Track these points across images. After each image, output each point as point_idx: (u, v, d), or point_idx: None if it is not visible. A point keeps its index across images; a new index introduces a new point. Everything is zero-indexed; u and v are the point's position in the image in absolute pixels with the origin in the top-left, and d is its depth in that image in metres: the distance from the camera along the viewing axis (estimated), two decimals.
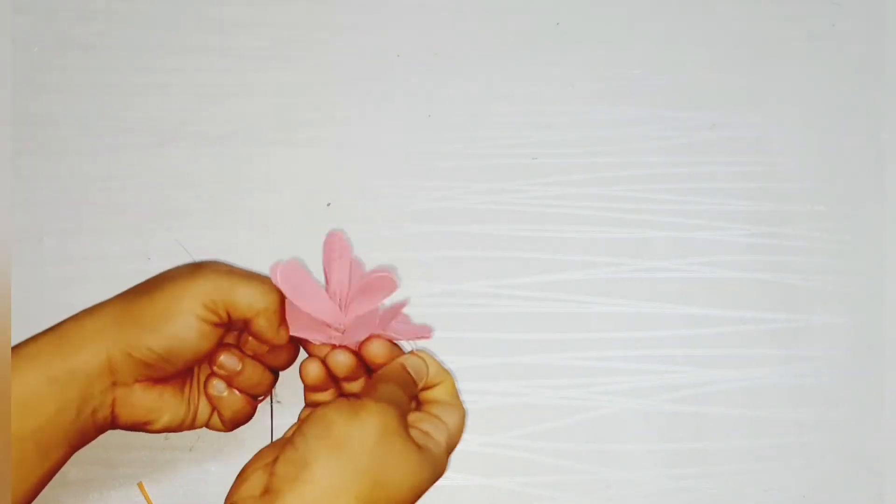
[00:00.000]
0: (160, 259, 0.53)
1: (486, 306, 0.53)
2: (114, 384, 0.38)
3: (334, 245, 0.42)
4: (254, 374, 0.42)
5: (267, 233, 0.53)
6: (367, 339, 0.41)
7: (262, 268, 0.42)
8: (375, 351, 0.41)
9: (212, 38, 0.57)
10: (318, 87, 0.56)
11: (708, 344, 0.52)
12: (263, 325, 0.40)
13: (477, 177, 0.55)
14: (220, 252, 0.52)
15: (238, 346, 0.42)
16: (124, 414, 0.39)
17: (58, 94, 0.55)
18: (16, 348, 0.37)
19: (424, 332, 0.42)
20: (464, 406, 0.42)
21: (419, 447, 0.37)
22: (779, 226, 0.55)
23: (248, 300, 0.39)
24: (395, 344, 0.41)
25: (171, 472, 0.49)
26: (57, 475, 0.48)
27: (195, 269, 0.40)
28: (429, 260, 0.53)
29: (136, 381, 0.39)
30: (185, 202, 0.54)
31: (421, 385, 0.41)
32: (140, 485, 0.49)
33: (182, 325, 0.38)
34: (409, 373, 0.41)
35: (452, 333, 0.52)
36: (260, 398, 0.44)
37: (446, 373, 0.42)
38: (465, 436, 0.50)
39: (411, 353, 0.42)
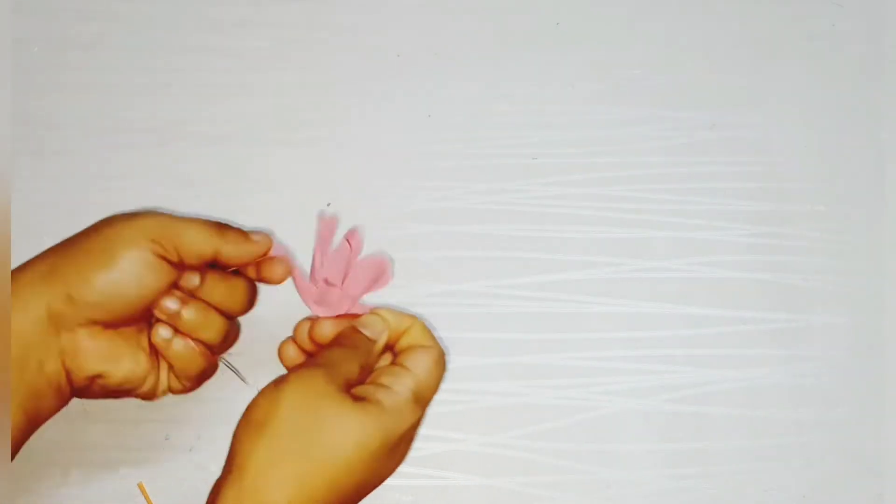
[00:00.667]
0: None
1: (486, 306, 0.53)
2: (56, 331, 0.36)
3: (329, 227, 0.42)
4: (198, 315, 0.39)
5: (266, 233, 0.53)
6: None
7: None
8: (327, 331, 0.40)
9: (212, 38, 0.57)
10: (318, 87, 0.56)
11: (708, 344, 0.52)
12: (232, 252, 0.39)
13: (477, 177, 0.55)
14: None
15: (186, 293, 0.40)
16: (75, 364, 0.37)
17: (58, 94, 0.55)
18: None
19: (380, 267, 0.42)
20: (439, 346, 0.40)
21: (362, 402, 0.36)
22: (779, 226, 0.55)
23: (198, 238, 0.38)
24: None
25: (171, 472, 0.49)
26: (57, 475, 0.48)
27: (134, 213, 0.38)
28: (429, 260, 0.53)
29: (80, 325, 0.36)
30: (185, 202, 0.54)
31: (382, 339, 0.40)
32: (140, 485, 0.49)
33: (128, 257, 0.36)
34: (358, 331, 0.40)
35: (452, 333, 0.52)
36: (216, 350, 0.42)
37: (412, 318, 0.41)
38: (465, 436, 0.50)
39: (369, 311, 0.41)
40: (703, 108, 0.57)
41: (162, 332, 0.39)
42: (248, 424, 0.35)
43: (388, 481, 0.41)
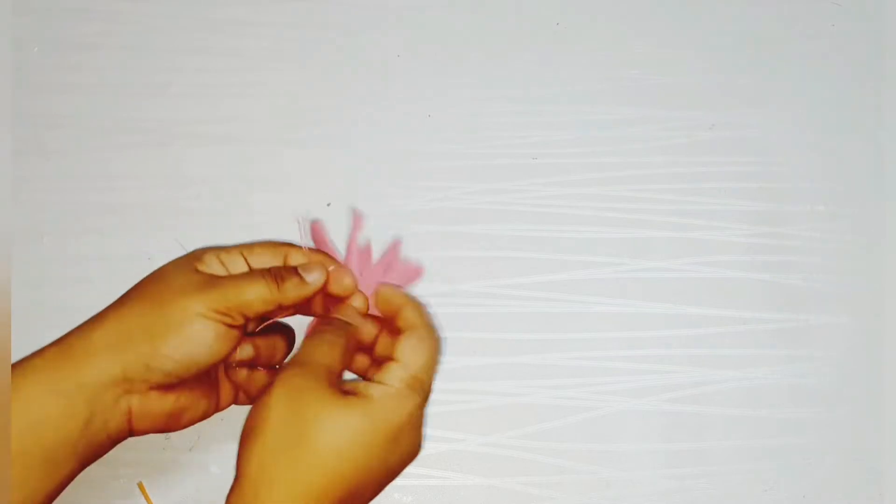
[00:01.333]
0: (161, 259, 0.52)
1: (486, 306, 0.53)
2: (127, 392, 0.37)
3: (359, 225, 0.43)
4: (267, 351, 0.42)
5: (267, 233, 0.53)
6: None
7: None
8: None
9: (212, 38, 0.57)
10: (318, 87, 0.56)
11: (708, 344, 0.52)
12: (292, 299, 0.39)
13: (477, 177, 0.55)
14: None
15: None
16: (141, 423, 0.39)
17: (58, 94, 0.55)
18: (21, 362, 0.36)
19: (414, 273, 0.42)
20: (430, 325, 0.40)
21: (350, 396, 0.36)
22: (779, 226, 0.55)
23: (260, 299, 0.39)
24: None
25: (171, 472, 0.49)
26: None
27: (199, 281, 0.39)
28: (429, 260, 0.53)
29: (153, 389, 0.38)
30: (185, 202, 0.54)
31: (358, 321, 0.40)
32: (140, 485, 0.49)
33: (199, 330, 0.37)
34: (333, 318, 0.40)
35: (452, 333, 0.52)
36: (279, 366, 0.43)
37: (403, 298, 0.41)
38: (465, 436, 0.50)
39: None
40: (703, 108, 0.57)
41: (241, 374, 0.42)
42: (244, 432, 0.36)
43: None
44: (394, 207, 0.54)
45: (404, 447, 0.37)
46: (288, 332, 0.43)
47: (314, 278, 0.41)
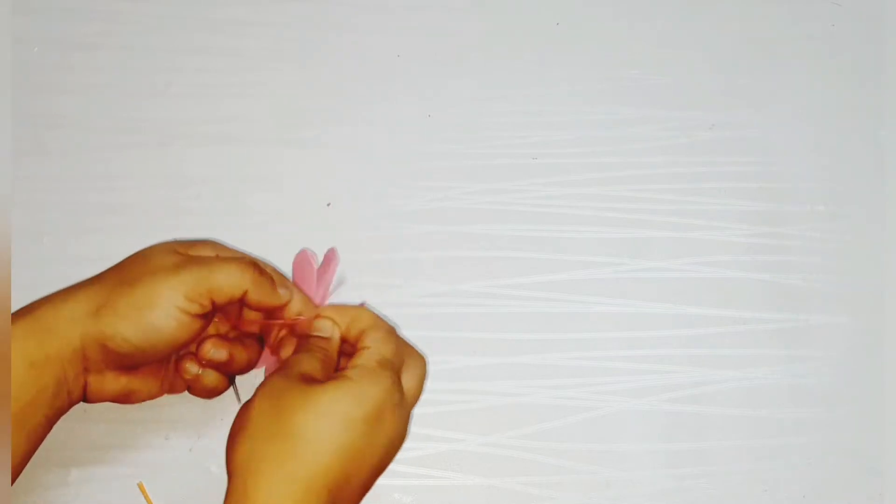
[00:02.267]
0: None
1: (486, 306, 0.53)
2: (85, 370, 0.38)
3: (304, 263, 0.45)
4: (241, 358, 0.42)
5: (267, 233, 0.53)
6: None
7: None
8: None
9: (212, 38, 0.57)
10: (318, 87, 0.56)
11: (708, 344, 0.52)
12: (256, 296, 0.40)
13: (477, 177, 0.55)
14: None
15: (218, 334, 0.43)
16: (95, 397, 0.40)
17: (58, 94, 0.55)
18: None
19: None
20: (386, 323, 0.42)
21: (328, 380, 0.37)
22: (779, 226, 0.55)
23: (230, 281, 0.39)
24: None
25: (171, 472, 0.49)
26: (57, 475, 0.48)
27: (176, 262, 0.39)
28: (429, 260, 0.53)
29: (109, 369, 0.39)
30: (185, 202, 0.54)
31: (335, 334, 0.41)
32: (140, 485, 0.49)
33: (161, 316, 0.38)
34: (312, 336, 0.41)
35: (452, 333, 0.52)
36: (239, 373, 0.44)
37: (356, 308, 0.42)
38: (465, 436, 0.50)
39: (315, 316, 0.42)
40: (703, 108, 0.57)
41: (191, 369, 0.42)
42: (230, 434, 0.37)
43: (389, 481, 0.41)
44: (394, 207, 0.54)
45: (388, 427, 0.37)
46: (258, 345, 0.44)
47: (283, 292, 0.42)
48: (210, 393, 0.43)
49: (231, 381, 0.44)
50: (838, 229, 0.55)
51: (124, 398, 0.41)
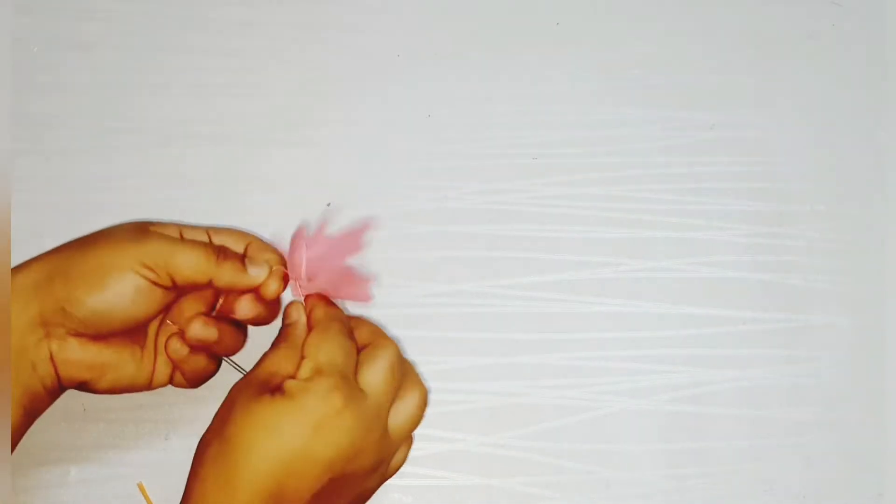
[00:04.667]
0: None
1: (486, 306, 0.53)
2: (47, 337, 0.37)
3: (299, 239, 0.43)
4: (228, 338, 0.41)
5: (266, 233, 0.53)
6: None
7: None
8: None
9: (212, 38, 0.57)
10: (318, 87, 0.56)
11: (708, 344, 0.52)
12: (223, 282, 0.39)
13: (477, 177, 0.55)
14: None
15: (206, 311, 0.42)
16: (64, 370, 0.38)
17: (58, 94, 0.55)
18: None
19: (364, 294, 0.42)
20: (332, 320, 0.40)
21: (275, 391, 0.36)
22: (779, 226, 0.55)
23: (189, 265, 0.39)
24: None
25: (171, 472, 0.49)
26: (57, 475, 0.48)
27: (137, 230, 0.39)
28: (429, 260, 0.53)
29: (70, 334, 0.38)
30: (185, 202, 0.54)
31: (303, 319, 0.41)
32: (140, 485, 0.49)
33: (118, 281, 0.37)
34: (287, 325, 0.41)
35: (452, 333, 0.52)
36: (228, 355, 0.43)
37: (314, 303, 0.41)
38: (465, 436, 0.50)
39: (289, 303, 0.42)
40: (703, 108, 0.57)
41: (177, 347, 0.41)
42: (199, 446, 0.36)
43: (389, 481, 0.41)
44: (394, 207, 0.54)
45: (330, 438, 0.36)
46: (244, 331, 0.43)
47: (256, 272, 0.41)
48: (198, 377, 0.42)
49: (218, 365, 0.43)
50: (838, 229, 0.55)
51: (98, 372, 0.39)
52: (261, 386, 0.36)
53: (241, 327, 0.43)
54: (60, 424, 0.49)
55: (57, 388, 0.39)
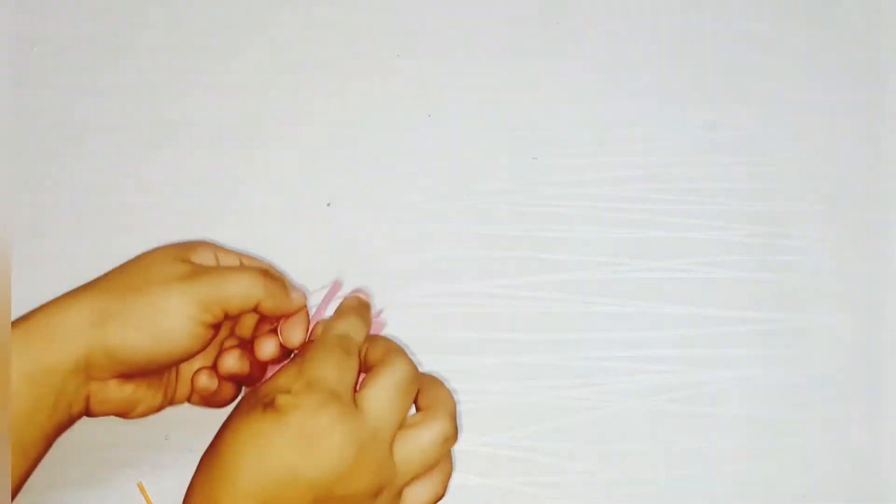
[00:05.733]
0: None
1: (486, 306, 0.53)
2: (88, 379, 0.37)
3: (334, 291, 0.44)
4: (256, 367, 0.41)
5: (267, 233, 0.53)
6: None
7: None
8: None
9: (211, 38, 0.57)
10: (318, 86, 0.56)
11: (708, 344, 0.52)
12: (269, 305, 0.39)
13: (477, 177, 0.55)
14: None
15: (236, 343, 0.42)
16: (98, 408, 0.38)
17: (58, 94, 0.55)
18: None
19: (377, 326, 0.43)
20: (329, 341, 0.39)
21: (272, 412, 0.35)
22: (779, 226, 0.55)
23: (242, 292, 0.38)
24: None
25: (171, 472, 0.49)
26: (57, 475, 0.48)
27: (183, 263, 0.38)
28: (429, 260, 0.53)
29: (113, 377, 0.37)
30: (184, 202, 0.54)
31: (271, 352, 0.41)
32: (140, 485, 0.49)
33: (175, 327, 0.37)
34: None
35: (453, 333, 0.52)
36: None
37: (322, 324, 0.41)
38: (465, 436, 0.50)
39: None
40: (703, 108, 0.57)
41: (206, 384, 0.40)
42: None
43: None
44: (394, 207, 0.54)
45: (316, 456, 0.34)
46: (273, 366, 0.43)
47: (296, 296, 0.41)
48: (224, 404, 0.42)
49: (240, 391, 0.43)
50: (838, 229, 0.55)
51: (127, 409, 0.39)
52: (258, 400, 0.36)
53: (274, 363, 0.42)
54: None
55: (80, 417, 0.39)
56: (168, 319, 0.37)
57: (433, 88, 0.56)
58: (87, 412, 0.38)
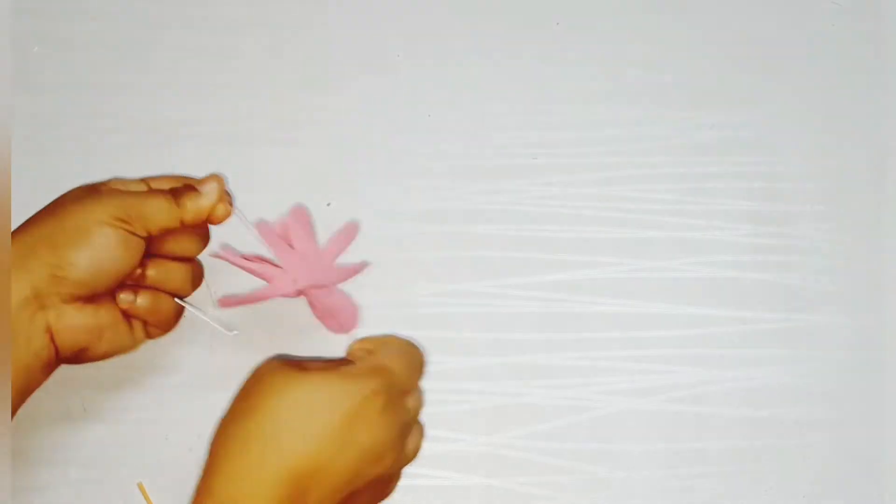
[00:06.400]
0: None
1: (486, 306, 0.53)
2: (42, 308, 0.37)
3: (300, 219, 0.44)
4: (160, 271, 0.42)
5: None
6: None
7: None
8: None
9: (211, 37, 0.57)
10: (318, 86, 0.56)
11: (708, 344, 0.52)
12: (191, 216, 0.41)
13: (477, 177, 0.55)
14: None
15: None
16: (63, 338, 0.38)
17: (58, 94, 0.55)
18: None
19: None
20: (409, 345, 0.41)
21: (315, 371, 0.37)
22: (779, 226, 0.55)
23: (162, 212, 0.39)
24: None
25: (171, 472, 0.49)
26: (57, 475, 0.48)
27: (94, 191, 0.40)
28: (429, 260, 0.53)
29: (65, 301, 0.38)
30: None
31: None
32: (140, 485, 0.49)
33: (102, 235, 0.38)
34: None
35: (453, 333, 0.52)
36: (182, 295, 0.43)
37: (387, 338, 0.42)
38: (464, 436, 0.50)
39: None
40: (703, 108, 0.57)
41: (124, 297, 0.41)
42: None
43: None
44: (394, 207, 0.54)
45: (363, 435, 0.36)
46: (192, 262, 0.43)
47: (209, 189, 0.42)
48: (171, 320, 0.42)
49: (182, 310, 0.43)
50: (838, 229, 0.55)
51: (92, 339, 0.39)
52: (299, 366, 0.37)
53: (192, 263, 0.43)
54: (60, 424, 0.49)
55: (53, 361, 0.39)
56: (95, 230, 0.38)
57: (433, 88, 0.56)
58: (55, 350, 0.38)
